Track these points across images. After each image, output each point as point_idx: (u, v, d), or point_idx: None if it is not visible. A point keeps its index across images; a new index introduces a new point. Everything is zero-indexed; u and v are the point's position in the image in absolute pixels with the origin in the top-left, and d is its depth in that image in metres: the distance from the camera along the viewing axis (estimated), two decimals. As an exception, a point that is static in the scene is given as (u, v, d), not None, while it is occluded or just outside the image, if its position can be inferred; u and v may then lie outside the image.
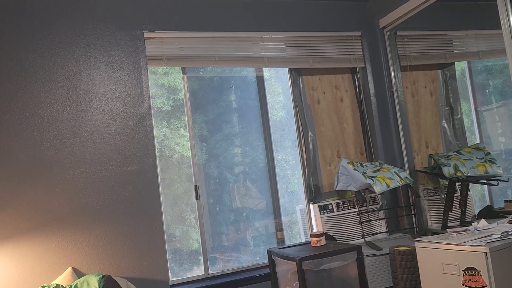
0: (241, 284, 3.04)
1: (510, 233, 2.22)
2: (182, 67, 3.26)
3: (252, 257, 3.35)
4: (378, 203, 3.40)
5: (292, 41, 3.45)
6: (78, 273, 2.65)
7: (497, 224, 2.49)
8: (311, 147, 3.47)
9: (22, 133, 2.66)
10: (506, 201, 2.99)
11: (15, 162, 2.62)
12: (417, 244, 2.47)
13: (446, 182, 3.20)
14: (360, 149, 3.63)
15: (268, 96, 3.55)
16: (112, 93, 2.89)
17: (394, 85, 3.50)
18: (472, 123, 3.34)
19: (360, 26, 3.66)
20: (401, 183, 3.08)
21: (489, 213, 3.14)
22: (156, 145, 3.02)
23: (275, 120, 3.57)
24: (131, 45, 2.97)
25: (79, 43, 2.85)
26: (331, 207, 3.28)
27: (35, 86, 2.72)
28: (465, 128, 3.42)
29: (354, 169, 3.10)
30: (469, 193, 3.19)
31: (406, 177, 3.14)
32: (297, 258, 2.54)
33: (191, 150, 3.23)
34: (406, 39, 3.53)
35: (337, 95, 3.63)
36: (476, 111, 3.30)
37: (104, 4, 2.93)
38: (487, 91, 3.22)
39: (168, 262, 2.99)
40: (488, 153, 3.07)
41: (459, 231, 2.46)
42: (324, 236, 2.86)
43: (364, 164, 3.26)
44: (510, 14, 2.55)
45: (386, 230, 3.37)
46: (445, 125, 3.50)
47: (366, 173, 3.10)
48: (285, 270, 2.79)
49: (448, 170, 3.05)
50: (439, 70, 3.54)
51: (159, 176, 3.02)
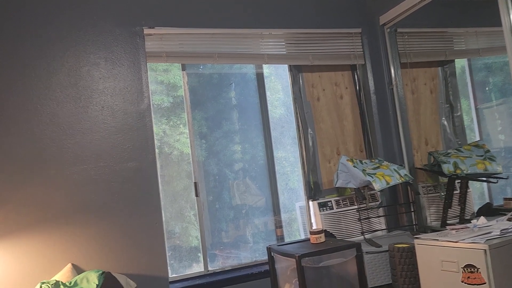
0: (240, 281, 3.05)
1: (509, 230, 2.22)
2: (181, 64, 3.25)
3: (251, 254, 3.35)
4: (378, 200, 3.40)
5: (292, 38, 3.44)
6: (77, 270, 2.65)
7: (496, 221, 2.50)
8: (310, 144, 3.47)
9: (22, 130, 2.65)
10: (505, 199, 3.00)
11: (14, 158, 2.62)
12: (416, 241, 2.47)
13: (446, 180, 3.20)
14: (359, 146, 3.63)
15: (268, 93, 3.54)
16: (112, 89, 2.88)
17: (394, 82, 3.49)
18: (472, 121, 3.34)
19: (360, 23, 3.65)
20: (400, 180, 3.08)
21: (488, 210, 3.14)
22: (155, 142, 3.01)
23: (275, 117, 3.57)
24: (130, 42, 2.96)
25: (79, 39, 2.84)
26: (331, 204, 3.28)
27: (34, 82, 2.72)
28: (465, 126, 3.42)
29: (354, 166, 3.11)
30: (468, 190, 3.19)
31: (405, 174, 3.14)
32: (297, 255, 2.54)
33: (191, 147, 3.23)
34: (406, 36, 3.52)
35: (337, 92, 3.63)
36: (476, 109, 3.30)
37: (103, 1, 2.92)
38: (487, 88, 3.22)
39: (168, 258, 2.99)
40: (488, 151, 3.07)
41: (459, 229, 2.46)
42: (323, 233, 2.86)
43: (363, 161, 3.26)
44: (510, 11, 2.54)
45: (385, 227, 3.37)
46: (445, 122, 3.50)
47: (366, 170, 3.10)
48: (285, 267, 2.79)
49: (447, 168, 3.05)
50: (439, 68, 3.53)
51: (158, 173, 3.02)
